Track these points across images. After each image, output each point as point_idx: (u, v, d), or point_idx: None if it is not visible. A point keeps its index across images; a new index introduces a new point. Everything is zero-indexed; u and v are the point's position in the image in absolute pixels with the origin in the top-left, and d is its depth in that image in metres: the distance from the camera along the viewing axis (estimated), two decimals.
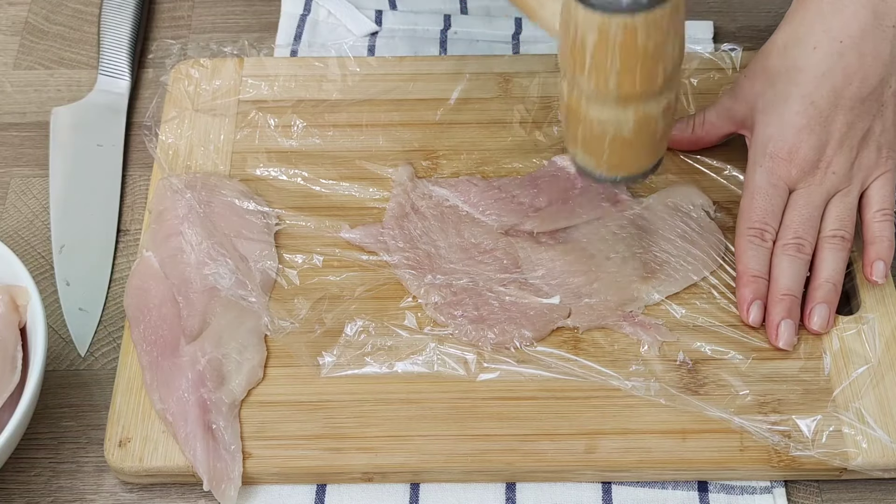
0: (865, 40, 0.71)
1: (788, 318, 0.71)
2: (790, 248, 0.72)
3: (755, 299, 0.72)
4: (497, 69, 0.85)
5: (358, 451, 0.67)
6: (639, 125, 0.63)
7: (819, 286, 0.72)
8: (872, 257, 0.72)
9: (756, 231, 0.73)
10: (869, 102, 0.72)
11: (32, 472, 0.69)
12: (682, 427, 0.68)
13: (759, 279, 0.72)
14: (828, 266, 0.72)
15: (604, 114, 0.63)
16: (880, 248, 0.72)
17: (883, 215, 0.73)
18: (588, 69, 0.61)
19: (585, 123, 0.64)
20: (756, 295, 0.72)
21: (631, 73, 0.60)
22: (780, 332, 0.70)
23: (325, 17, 0.92)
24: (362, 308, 0.73)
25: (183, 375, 0.69)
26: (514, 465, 0.67)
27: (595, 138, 0.64)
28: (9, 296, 0.68)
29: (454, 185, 0.79)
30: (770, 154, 0.73)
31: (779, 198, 0.73)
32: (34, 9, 0.94)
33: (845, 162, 0.72)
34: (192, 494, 0.68)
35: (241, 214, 0.77)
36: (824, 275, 0.72)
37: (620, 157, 0.66)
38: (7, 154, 0.85)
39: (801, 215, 0.72)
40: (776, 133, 0.73)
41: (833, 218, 0.73)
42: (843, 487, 0.69)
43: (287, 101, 0.84)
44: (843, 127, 0.72)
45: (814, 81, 0.72)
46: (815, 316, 0.71)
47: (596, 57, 0.60)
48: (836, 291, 0.72)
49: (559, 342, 0.72)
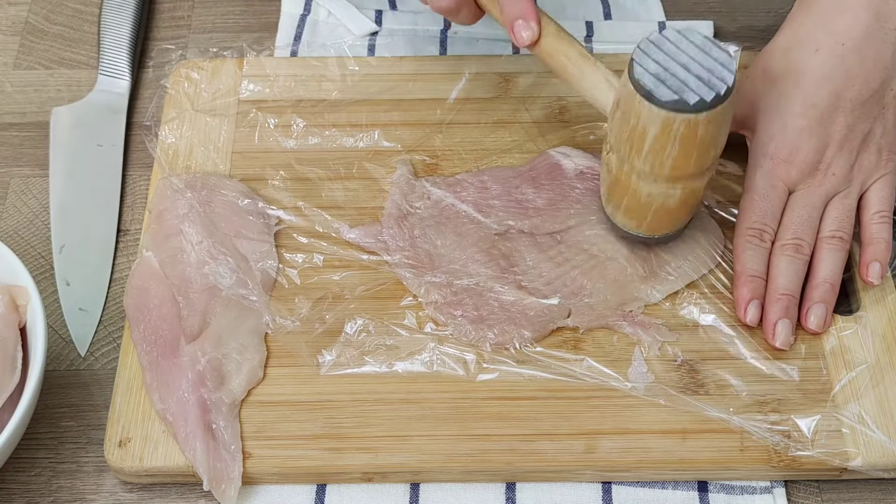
0: (867, 43, 0.71)
1: (785, 318, 0.71)
2: (789, 249, 0.72)
3: (752, 299, 0.72)
4: (497, 69, 0.86)
5: (358, 451, 0.67)
6: (684, 197, 0.69)
7: (817, 286, 0.72)
8: (869, 258, 0.72)
9: (755, 231, 0.73)
10: (870, 105, 0.72)
11: (32, 472, 0.69)
12: (682, 427, 0.68)
13: (756, 279, 0.72)
14: (826, 266, 0.72)
15: (654, 189, 0.68)
16: (877, 249, 0.72)
17: (881, 217, 0.73)
18: (645, 154, 0.66)
19: (632, 194, 0.69)
20: (753, 294, 0.72)
21: (687, 158, 0.66)
22: (777, 331, 0.71)
23: (325, 17, 0.92)
24: (362, 307, 0.73)
25: (183, 375, 0.69)
26: (513, 465, 0.67)
27: (640, 207, 0.70)
28: (9, 296, 0.68)
29: (453, 184, 0.79)
30: (770, 155, 0.73)
31: (778, 199, 0.73)
32: (34, 9, 0.94)
33: (845, 164, 0.72)
34: (192, 494, 0.68)
35: (242, 214, 0.77)
36: (822, 275, 0.72)
37: (661, 222, 0.71)
38: (7, 154, 0.85)
39: (800, 216, 0.72)
40: (777, 134, 0.73)
41: (832, 219, 0.73)
42: (843, 487, 0.69)
43: (287, 100, 0.84)
44: (844, 129, 0.72)
45: (815, 83, 0.72)
46: (812, 315, 0.71)
47: (655, 145, 0.65)
48: (834, 292, 0.72)
49: (559, 342, 0.72)
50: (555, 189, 0.79)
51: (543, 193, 0.78)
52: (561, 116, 0.83)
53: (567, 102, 0.84)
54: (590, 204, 0.78)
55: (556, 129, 0.83)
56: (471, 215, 0.77)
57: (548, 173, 0.80)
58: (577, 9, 0.93)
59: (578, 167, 0.79)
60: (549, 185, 0.79)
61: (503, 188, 0.79)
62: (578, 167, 0.79)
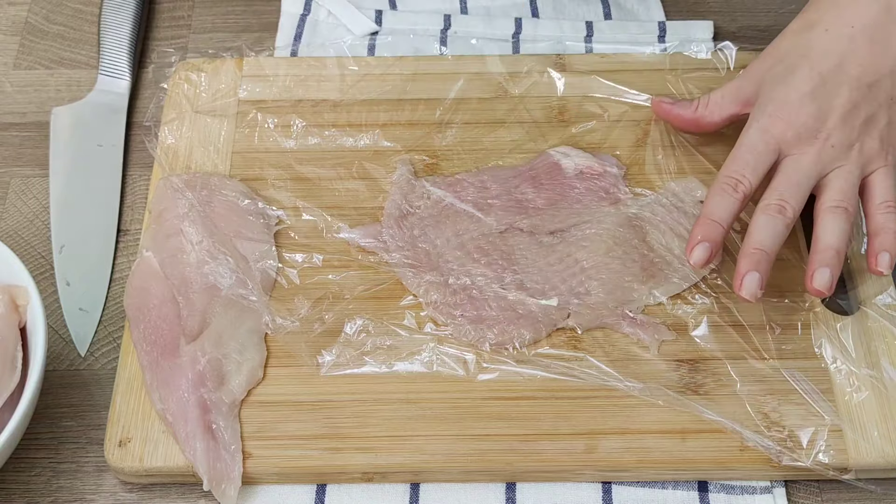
0: (877, 30, 0.71)
1: (755, 272, 0.68)
2: (771, 209, 0.69)
3: (703, 241, 0.69)
4: (497, 69, 0.85)
5: (358, 451, 0.67)
6: None
7: (820, 251, 0.69)
8: (877, 248, 0.70)
9: (731, 180, 0.70)
10: (876, 90, 0.71)
11: (32, 472, 0.69)
12: (682, 427, 0.68)
13: (714, 224, 0.69)
14: (828, 233, 0.69)
15: None
16: (885, 239, 0.70)
17: (887, 207, 0.71)
18: None
19: None
20: (705, 237, 0.69)
21: None
22: (745, 283, 0.68)
23: (325, 17, 0.92)
24: (362, 307, 0.73)
25: (183, 375, 0.69)
26: (513, 465, 0.67)
27: None
28: (9, 296, 0.68)
29: (453, 184, 0.79)
30: (769, 114, 0.72)
31: (766, 156, 0.71)
32: (34, 9, 0.94)
33: (845, 139, 0.71)
34: (192, 494, 0.68)
35: (241, 214, 0.77)
36: (826, 241, 0.69)
37: None
38: (7, 154, 0.85)
39: (788, 180, 0.70)
40: (779, 96, 0.72)
41: (836, 189, 0.70)
42: (843, 487, 0.69)
43: (286, 101, 0.84)
44: (848, 104, 0.71)
45: (822, 55, 0.72)
46: (817, 277, 0.68)
47: None
48: (839, 258, 0.69)
49: (559, 342, 0.72)
50: (555, 189, 0.79)
51: (543, 193, 0.78)
52: (561, 116, 0.83)
53: (567, 102, 0.84)
54: (590, 204, 0.78)
55: (556, 129, 0.83)
56: (471, 215, 0.77)
57: (548, 173, 0.80)
58: (577, 9, 0.93)
59: (578, 167, 0.79)
60: (548, 184, 0.79)
61: (503, 188, 0.79)
62: (578, 167, 0.79)
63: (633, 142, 0.82)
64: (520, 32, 0.91)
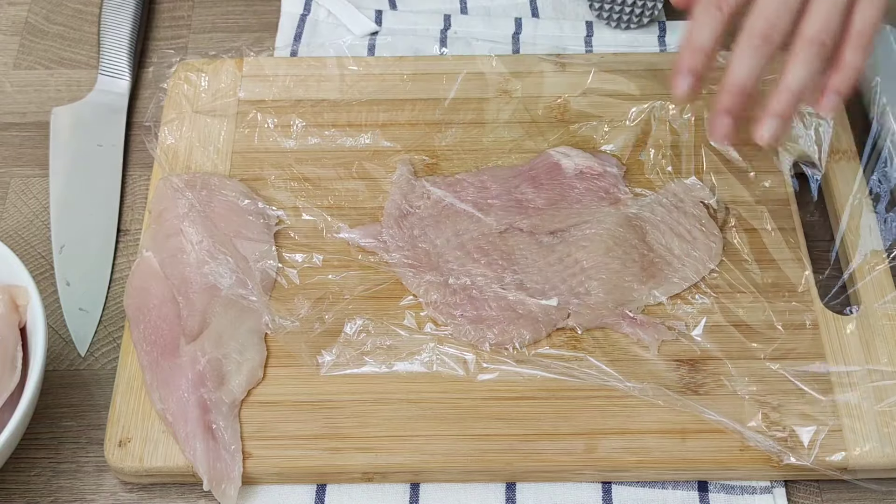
0: None
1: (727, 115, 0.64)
2: (756, 38, 0.64)
3: (690, 70, 0.65)
4: (497, 69, 0.85)
5: (358, 451, 0.68)
6: None
7: (779, 92, 0.64)
8: (830, 87, 0.65)
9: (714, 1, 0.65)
10: None
11: (32, 472, 0.69)
12: (682, 427, 0.68)
13: (700, 53, 0.65)
14: (796, 75, 0.64)
15: None
16: (843, 77, 0.65)
17: (860, 38, 0.65)
18: None
19: None
20: (691, 68, 0.65)
21: None
22: (716, 125, 0.65)
23: (325, 17, 0.92)
24: (362, 307, 0.73)
25: (183, 375, 0.69)
26: (513, 465, 0.67)
27: None
28: (9, 296, 0.68)
29: (453, 184, 0.79)
30: None
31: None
32: (34, 9, 0.94)
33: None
34: (192, 494, 0.68)
35: (241, 214, 0.77)
36: (788, 81, 0.64)
37: None
38: (7, 154, 0.85)
39: None
40: None
41: (822, 12, 0.64)
42: (843, 487, 0.69)
43: (286, 101, 0.84)
44: None
45: None
46: (764, 126, 0.65)
47: None
48: (795, 104, 0.64)
49: (558, 342, 0.72)
50: (555, 189, 0.79)
51: (543, 193, 0.78)
52: (561, 116, 0.83)
53: (567, 102, 0.84)
54: (589, 204, 0.78)
55: (556, 129, 0.83)
56: (471, 215, 0.77)
57: (548, 173, 0.80)
58: (577, 9, 0.93)
59: (578, 167, 0.79)
60: (548, 184, 0.79)
61: (503, 188, 0.79)
62: (578, 167, 0.79)
63: (633, 142, 0.82)
64: (520, 32, 0.91)
